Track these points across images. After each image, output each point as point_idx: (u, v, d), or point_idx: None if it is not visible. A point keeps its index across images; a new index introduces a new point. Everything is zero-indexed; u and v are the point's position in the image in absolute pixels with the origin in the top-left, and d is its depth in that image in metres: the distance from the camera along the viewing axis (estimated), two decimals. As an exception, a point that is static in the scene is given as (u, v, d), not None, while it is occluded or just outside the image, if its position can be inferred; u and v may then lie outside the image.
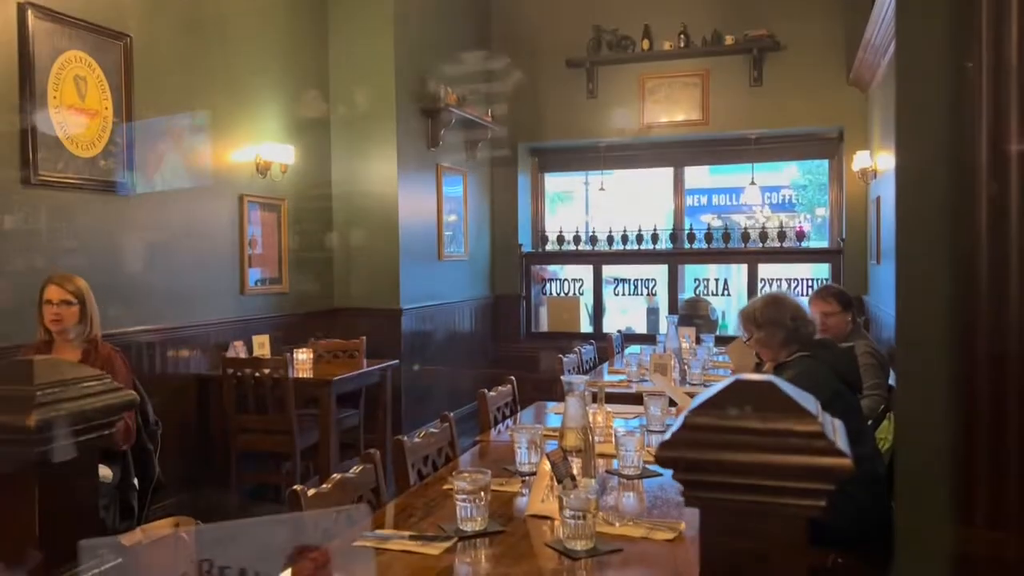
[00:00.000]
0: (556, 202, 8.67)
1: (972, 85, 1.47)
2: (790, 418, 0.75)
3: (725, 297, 7.48)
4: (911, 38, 1.87)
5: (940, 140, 1.70)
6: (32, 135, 3.50)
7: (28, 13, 3.49)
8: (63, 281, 3.05)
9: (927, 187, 1.69)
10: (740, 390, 0.79)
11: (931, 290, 1.64)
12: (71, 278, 3.08)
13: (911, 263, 1.73)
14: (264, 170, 5.06)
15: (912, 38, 1.85)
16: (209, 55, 4.62)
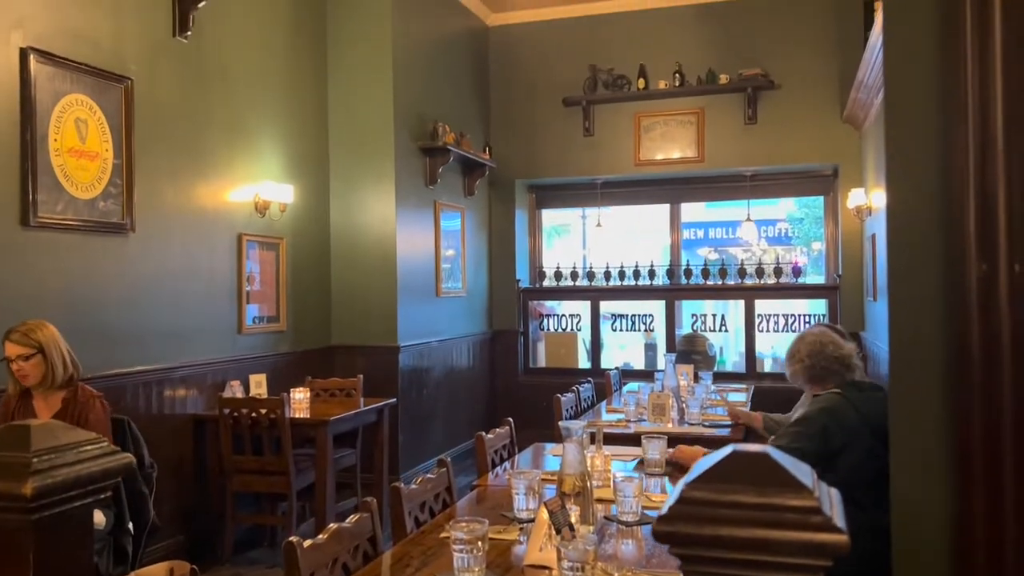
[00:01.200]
0: (553, 235, 8.70)
1: (959, 127, 1.49)
2: (786, 492, 0.75)
3: (723, 333, 7.49)
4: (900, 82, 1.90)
5: (928, 182, 1.73)
6: (32, 178, 3.52)
7: (30, 57, 3.53)
8: (19, 336, 3.02)
9: (916, 228, 1.71)
10: (736, 462, 0.79)
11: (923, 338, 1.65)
12: (30, 330, 3.04)
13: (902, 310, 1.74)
14: (263, 209, 5.09)
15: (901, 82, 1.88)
16: (209, 96, 4.67)
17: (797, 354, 3.05)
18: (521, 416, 7.24)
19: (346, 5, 5.88)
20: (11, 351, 3.02)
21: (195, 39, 4.50)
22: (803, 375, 3.02)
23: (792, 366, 3.07)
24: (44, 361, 3.05)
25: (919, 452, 1.53)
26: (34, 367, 3.04)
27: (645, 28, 7.19)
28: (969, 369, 1.15)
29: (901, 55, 1.93)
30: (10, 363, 3.02)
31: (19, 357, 3.01)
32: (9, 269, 3.46)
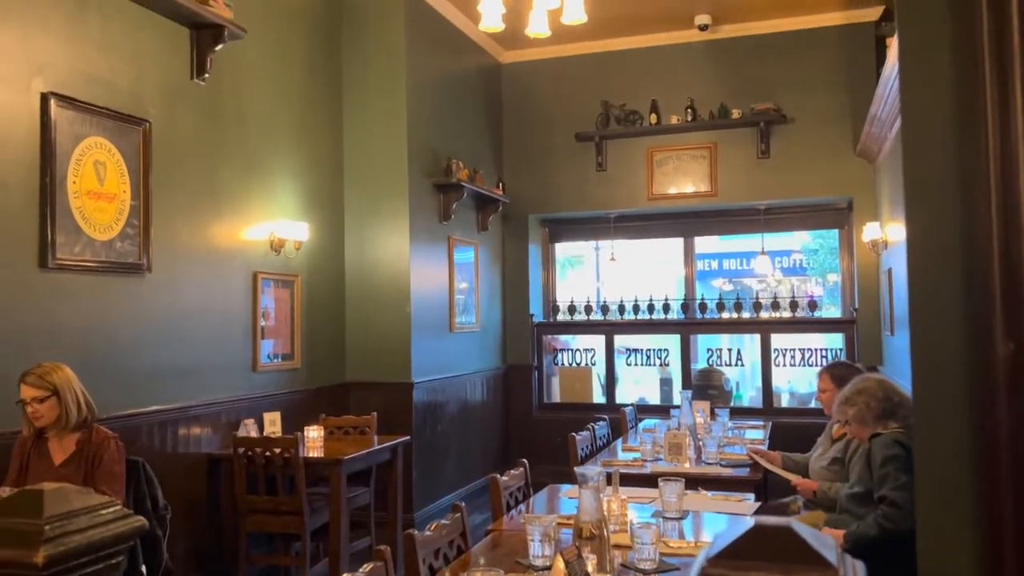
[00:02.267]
0: (567, 267, 8.70)
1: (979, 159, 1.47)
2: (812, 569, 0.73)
3: (739, 367, 7.43)
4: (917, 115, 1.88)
5: (948, 214, 1.71)
6: (51, 220, 3.56)
7: (51, 102, 3.59)
8: (34, 379, 3.05)
9: (937, 261, 1.69)
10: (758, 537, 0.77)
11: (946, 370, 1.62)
12: (45, 372, 3.07)
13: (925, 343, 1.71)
14: (278, 247, 5.12)
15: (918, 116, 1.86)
16: (226, 137, 4.72)
17: (868, 391, 3.03)
18: (535, 452, 7.22)
19: (360, 45, 5.96)
20: (26, 393, 3.04)
21: (212, 81, 4.56)
22: (872, 412, 2.99)
23: (862, 399, 3.03)
24: (59, 403, 3.06)
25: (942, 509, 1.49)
26: (49, 409, 3.05)
27: (657, 64, 7.25)
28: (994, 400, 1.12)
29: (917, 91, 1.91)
30: (25, 405, 3.04)
31: (34, 399, 3.03)
32: (27, 310, 3.48)
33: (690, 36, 7.05)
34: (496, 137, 7.57)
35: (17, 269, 3.45)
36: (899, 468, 2.77)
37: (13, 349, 3.39)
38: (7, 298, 3.40)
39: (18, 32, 3.47)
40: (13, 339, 3.41)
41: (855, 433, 3.13)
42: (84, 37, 3.79)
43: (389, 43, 5.92)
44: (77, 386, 3.12)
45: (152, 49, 4.19)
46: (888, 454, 2.82)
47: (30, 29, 3.52)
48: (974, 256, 1.40)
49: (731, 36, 7.02)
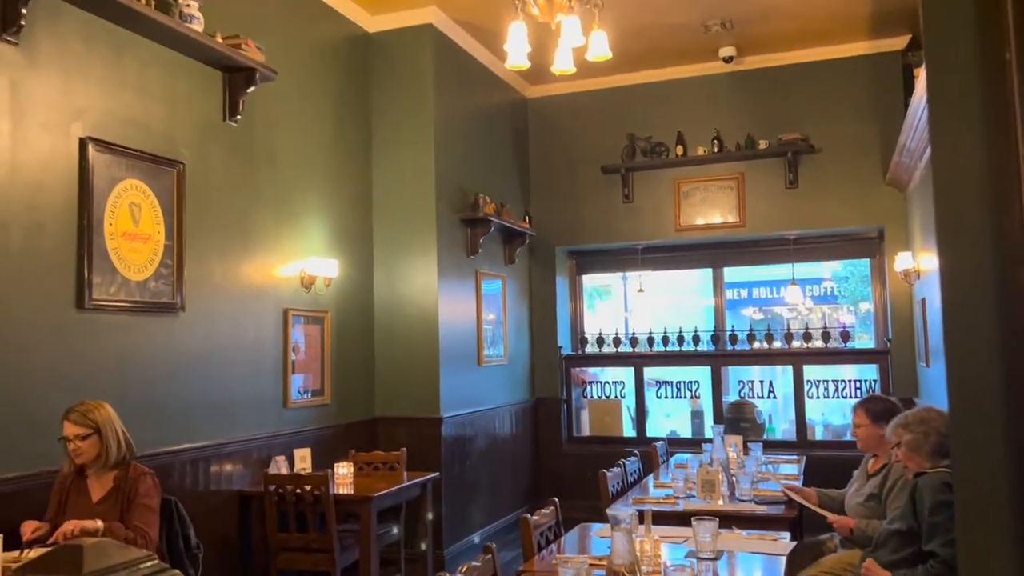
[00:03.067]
0: (594, 297, 8.69)
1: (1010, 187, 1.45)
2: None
3: (771, 399, 7.34)
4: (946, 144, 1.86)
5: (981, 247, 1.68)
6: (88, 261, 3.63)
7: (89, 146, 3.67)
8: (77, 416, 3.11)
9: (972, 291, 1.66)
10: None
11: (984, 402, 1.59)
12: (88, 410, 3.14)
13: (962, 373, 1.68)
14: (309, 284, 5.17)
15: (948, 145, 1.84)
16: (257, 176, 4.80)
17: (931, 422, 2.92)
18: (565, 486, 7.17)
19: (388, 84, 6.04)
20: (69, 430, 3.09)
21: (244, 123, 4.65)
22: (928, 444, 2.89)
23: (921, 428, 2.92)
24: (100, 441, 3.11)
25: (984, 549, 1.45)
26: (90, 447, 3.10)
27: (682, 96, 7.27)
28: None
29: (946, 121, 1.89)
30: (67, 442, 3.09)
31: (76, 437, 3.09)
32: (64, 350, 3.54)
33: (715, 68, 7.07)
34: (522, 171, 7.62)
35: (55, 310, 3.51)
36: (950, 517, 2.67)
37: (51, 388, 3.45)
38: (45, 338, 3.46)
39: (59, 80, 3.57)
40: (51, 378, 3.47)
41: (903, 460, 3.02)
42: (121, 82, 3.88)
43: (416, 81, 6.00)
44: (118, 424, 3.18)
45: (186, 92, 4.28)
46: (939, 500, 2.70)
47: (70, 76, 3.62)
48: (1009, 288, 1.38)
49: (756, 67, 7.03)
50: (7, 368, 3.30)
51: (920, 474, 2.87)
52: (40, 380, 3.43)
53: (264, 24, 4.89)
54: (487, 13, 5.99)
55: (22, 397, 3.35)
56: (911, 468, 2.97)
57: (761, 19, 6.23)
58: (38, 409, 3.40)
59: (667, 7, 6.00)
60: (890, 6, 6.01)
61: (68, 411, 3.12)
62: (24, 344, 3.37)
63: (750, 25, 6.34)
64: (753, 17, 6.19)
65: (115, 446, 3.14)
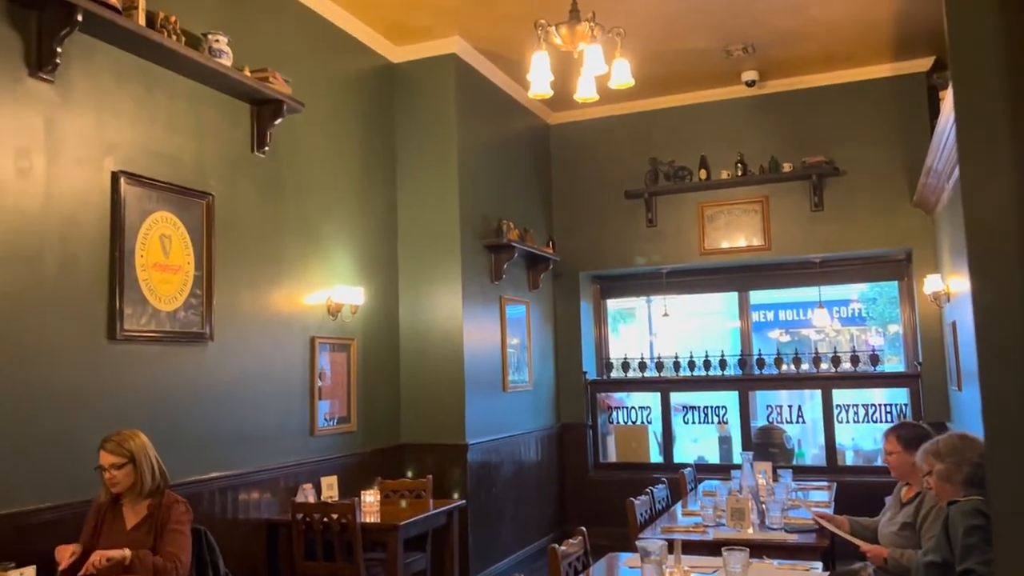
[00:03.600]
0: (618, 321, 8.66)
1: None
2: None
3: (800, 424, 7.25)
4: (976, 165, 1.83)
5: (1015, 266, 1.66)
6: (120, 293, 3.69)
7: (121, 180, 3.75)
8: (113, 446, 3.17)
9: (1006, 314, 1.64)
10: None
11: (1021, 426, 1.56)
12: (123, 439, 3.19)
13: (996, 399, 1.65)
14: (335, 312, 5.20)
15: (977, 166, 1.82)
16: (285, 206, 4.86)
17: (963, 451, 2.86)
18: (593, 513, 7.12)
19: (412, 113, 6.11)
20: (105, 460, 3.14)
21: (271, 154, 4.72)
22: (961, 474, 2.83)
23: (953, 458, 2.86)
24: (134, 470, 3.16)
25: None
26: (125, 476, 3.15)
27: (704, 120, 7.28)
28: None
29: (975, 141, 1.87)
30: (103, 471, 3.13)
31: (111, 466, 3.14)
32: (96, 381, 3.59)
33: (737, 92, 7.07)
34: (545, 196, 7.65)
35: (88, 341, 3.57)
36: (985, 539, 2.62)
37: (84, 419, 3.49)
38: (78, 369, 3.51)
39: (92, 116, 3.65)
40: (83, 409, 3.51)
41: (934, 489, 2.97)
42: (151, 117, 3.97)
43: (440, 109, 6.06)
44: (152, 453, 3.22)
45: (215, 125, 4.36)
46: (971, 524, 2.66)
47: (103, 112, 3.71)
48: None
49: (779, 91, 7.03)
50: (42, 398, 3.35)
51: (952, 503, 2.82)
52: (73, 410, 3.48)
53: (291, 56, 4.98)
54: (509, 42, 6.05)
55: (56, 427, 3.40)
56: (942, 497, 2.92)
57: (783, 43, 6.24)
58: (72, 439, 3.44)
59: (688, 33, 6.03)
60: (913, 28, 5.99)
61: (104, 440, 3.17)
62: (58, 375, 3.42)
63: (772, 49, 6.35)
64: (775, 41, 6.20)
65: (149, 475, 3.18)
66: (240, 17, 4.61)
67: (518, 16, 5.52)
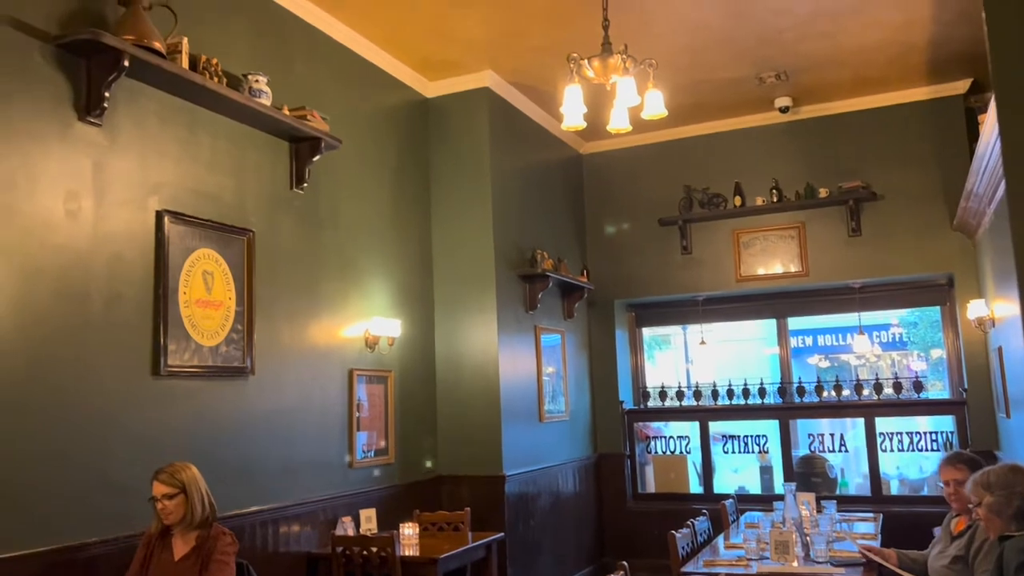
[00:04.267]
0: (653, 348, 8.59)
1: None
2: None
3: (842, 453, 7.11)
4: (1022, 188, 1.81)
5: None
6: (164, 329, 3.76)
7: (165, 219, 3.84)
8: (166, 477, 3.24)
9: None
10: None
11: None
12: (176, 470, 3.26)
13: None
14: (373, 344, 5.25)
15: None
16: (323, 241, 4.94)
17: (1015, 485, 2.79)
18: (632, 546, 7.04)
19: (446, 145, 6.19)
20: (157, 490, 3.22)
21: (310, 190, 4.81)
22: (1011, 507, 2.76)
23: (1004, 491, 2.79)
24: (186, 501, 3.22)
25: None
26: (176, 506, 3.21)
27: (738, 147, 7.26)
28: None
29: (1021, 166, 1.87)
30: (156, 502, 3.19)
31: (164, 496, 3.20)
32: (140, 417, 3.64)
33: (771, 118, 7.06)
34: (579, 225, 7.67)
35: (132, 377, 3.63)
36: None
37: (129, 454, 3.55)
38: (123, 405, 3.57)
39: (137, 157, 3.76)
40: (128, 444, 3.57)
41: (984, 522, 2.90)
42: (194, 157, 4.06)
43: (473, 142, 6.13)
44: (202, 485, 3.28)
45: (255, 164, 4.45)
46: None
47: (148, 153, 3.81)
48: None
49: (813, 116, 7.00)
50: (88, 434, 3.42)
51: (1006, 537, 2.75)
52: (118, 446, 3.54)
53: (328, 94, 5.08)
54: (541, 74, 6.12)
55: (102, 463, 3.46)
56: (992, 531, 2.85)
57: (816, 69, 6.22)
58: (117, 474, 3.50)
59: (720, 63, 6.04)
60: (948, 51, 5.95)
61: (157, 472, 3.24)
62: (103, 411, 3.49)
63: (805, 75, 6.33)
64: (808, 67, 6.19)
65: (199, 506, 3.24)
66: (278, 57, 4.72)
67: (548, 48, 5.58)
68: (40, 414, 3.24)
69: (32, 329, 3.24)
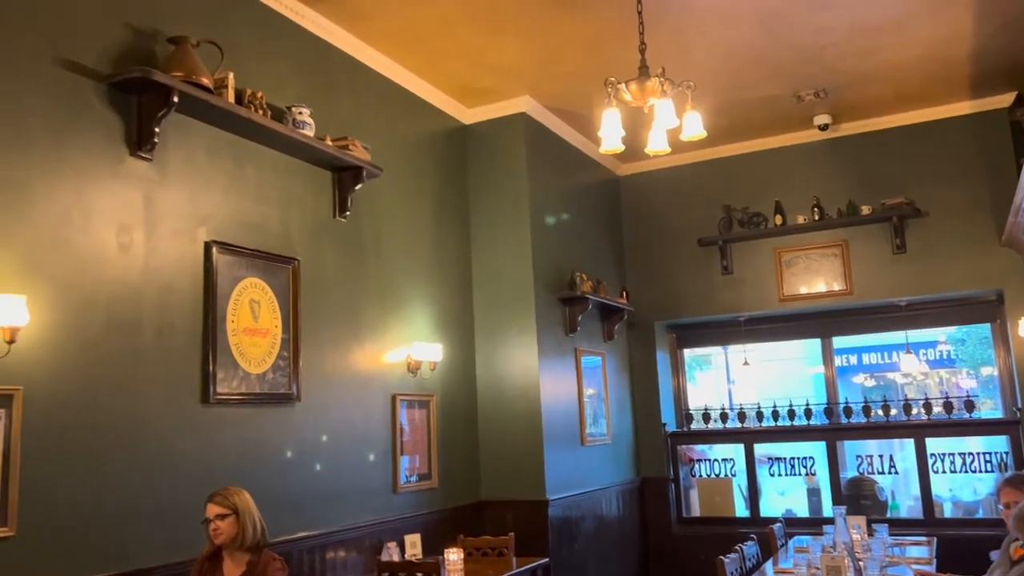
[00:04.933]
0: (694, 368, 8.50)
1: None
2: None
3: (892, 475, 6.96)
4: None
5: None
6: (213, 357, 3.83)
7: (213, 249, 3.92)
8: (220, 499, 3.30)
9: None
10: None
11: None
12: (229, 493, 3.32)
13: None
14: (415, 369, 5.28)
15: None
16: (365, 268, 5.00)
17: None
18: (678, 571, 6.96)
19: (485, 171, 6.24)
20: (211, 511, 3.28)
21: (352, 218, 4.88)
22: None
23: None
24: (237, 522, 3.27)
25: None
26: (228, 526, 3.26)
27: (778, 166, 7.21)
28: None
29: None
30: (209, 523, 3.25)
31: (216, 516, 3.26)
32: (190, 444, 3.71)
33: (810, 136, 7.00)
34: (618, 247, 7.66)
35: (183, 405, 3.71)
36: None
37: (179, 481, 3.62)
38: (174, 433, 3.64)
39: (186, 190, 3.85)
40: (179, 472, 3.64)
41: None
42: (240, 188, 4.16)
43: (511, 167, 6.17)
44: (254, 509, 3.33)
45: (299, 193, 4.54)
46: None
47: (196, 186, 3.91)
48: None
49: (854, 133, 6.93)
50: (140, 463, 3.49)
51: None
52: (169, 474, 3.60)
53: (368, 123, 5.17)
54: (578, 99, 6.15)
55: (153, 490, 3.53)
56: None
57: (855, 86, 6.17)
58: (168, 501, 3.56)
59: (758, 82, 6.02)
60: (991, 65, 5.86)
61: (212, 495, 3.31)
62: (155, 439, 3.56)
63: (844, 92, 6.28)
64: (847, 84, 6.14)
65: (251, 528, 3.29)
66: (321, 88, 4.82)
67: (584, 73, 5.62)
68: (97, 442, 3.32)
69: (87, 359, 3.33)
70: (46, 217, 3.26)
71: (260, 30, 4.44)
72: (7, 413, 3.00)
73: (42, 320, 3.17)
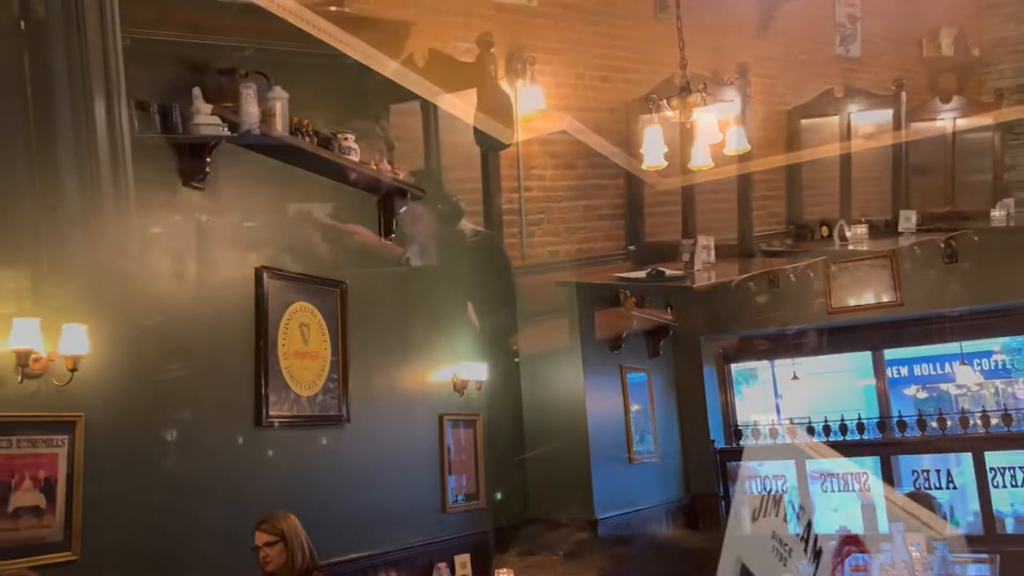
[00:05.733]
0: (740, 383, 8.38)
1: None
2: None
3: (950, 490, 6.76)
4: None
5: None
6: (265, 380, 3.90)
7: (263, 275, 4.00)
8: (267, 526, 3.33)
9: None
10: None
11: None
12: (276, 519, 3.34)
13: None
14: (461, 388, 5.30)
15: None
16: (411, 289, 5.06)
17: None
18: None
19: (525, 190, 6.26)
20: (259, 539, 3.32)
21: (397, 240, 4.93)
22: None
23: None
24: (286, 549, 3.30)
25: None
26: (277, 554, 3.30)
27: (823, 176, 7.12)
28: None
29: None
30: (258, 551, 3.28)
31: (265, 544, 3.29)
32: (245, 466, 3.78)
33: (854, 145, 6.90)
34: (661, 263, 7.60)
35: (237, 427, 3.78)
36: None
37: (232, 503, 3.68)
38: (229, 455, 3.72)
39: (237, 218, 3.96)
40: (232, 494, 3.70)
41: None
42: (288, 215, 4.24)
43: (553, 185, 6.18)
44: (302, 534, 3.36)
45: (345, 217, 4.61)
46: None
47: (246, 213, 4.01)
48: None
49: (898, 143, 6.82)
50: (195, 485, 3.56)
51: None
52: (223, 495, 3.67)
53: (410, 145, 5.23)
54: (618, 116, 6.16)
55: (207, 513, 3.59)
56: None
57: (900, 94, 6.09)
58: (222, 523, 3.62)
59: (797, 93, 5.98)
60: None
61: (259, 522, 3.35)
62: (211, 462, 3.63)
63: (889, 101, 6.19)
64: (891, 93, 6.05)
65: (299, 554, 3.31)
66: (363, 113, 4.89)
67: (624, 90, 5.63)
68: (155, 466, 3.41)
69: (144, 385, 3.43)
70: (104, 248, 3.36)
71: (305, 59, 4.53)
72: (70, 439, 3.09)
73: (101, 348, 3.26)
